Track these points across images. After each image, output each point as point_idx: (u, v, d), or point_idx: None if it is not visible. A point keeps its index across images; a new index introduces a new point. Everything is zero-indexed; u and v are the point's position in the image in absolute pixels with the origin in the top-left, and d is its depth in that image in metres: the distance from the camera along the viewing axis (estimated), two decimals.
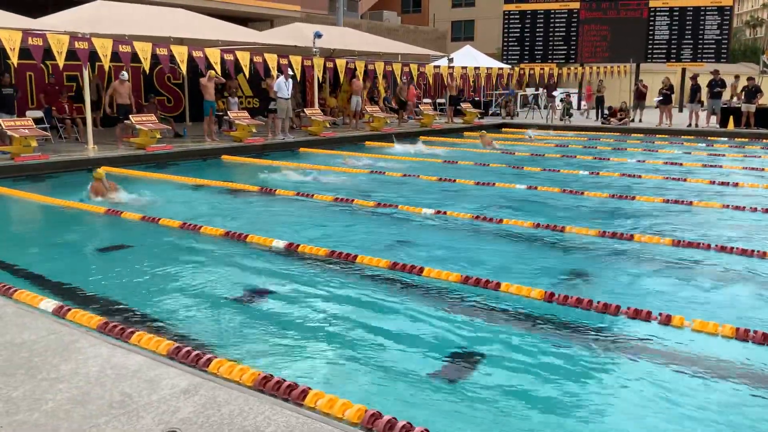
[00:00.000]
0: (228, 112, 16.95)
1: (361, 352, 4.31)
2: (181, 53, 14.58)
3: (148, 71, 16.09)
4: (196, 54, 14.84)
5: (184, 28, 16.27)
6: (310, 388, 3.43)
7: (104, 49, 13.33)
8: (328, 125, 18.88)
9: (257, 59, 16.19)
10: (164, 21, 16.18)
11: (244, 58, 15.92)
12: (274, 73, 16.82)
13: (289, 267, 6.31)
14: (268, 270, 6.21)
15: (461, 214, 8.50)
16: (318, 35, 18.33)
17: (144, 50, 14.05)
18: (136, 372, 3.49)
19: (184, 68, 14.98)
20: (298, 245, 6.73)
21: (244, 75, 18.49)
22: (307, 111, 18.95)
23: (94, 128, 14.48)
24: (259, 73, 16.83)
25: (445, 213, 8.59)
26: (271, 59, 16.62)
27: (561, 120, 24.64)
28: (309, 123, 18.64)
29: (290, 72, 16.77)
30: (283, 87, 16.66)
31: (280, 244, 6.86)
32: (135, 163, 13.03)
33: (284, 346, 4.39)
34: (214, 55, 15.21)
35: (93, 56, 13.60)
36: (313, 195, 9.82)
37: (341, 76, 19.44)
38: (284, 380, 3.51)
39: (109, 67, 13.83)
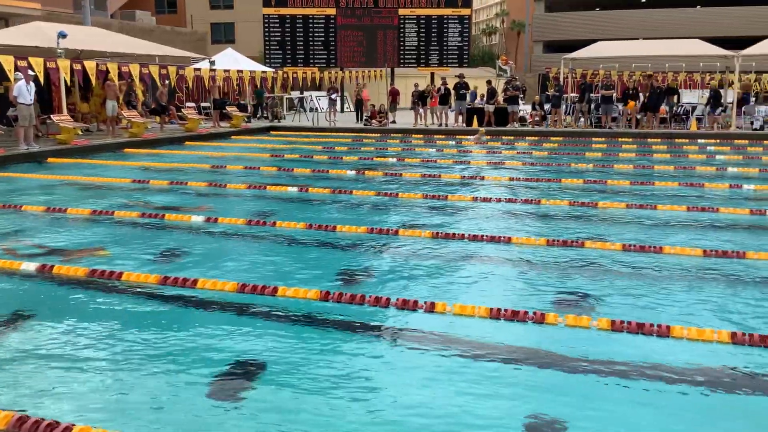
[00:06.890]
0: None
1: (133, 377, 4.02)
2: None
3: None
4: None
5: None
6: (74, 425, 3.13)
7: None
8: (80, 132, 17.38)
9: None
10: None
11: None
12: (11, 76, 15.09)
13: (43, 291, 5.70)
14: (20, 296, 5.55)
15: (234, 220, 8.36)
16: (62, 35, 16.80)
17: None
18: None
19: None
20: (52, 266, 6.10)
21: None
22: (55, 117, 17.23)
23: None
24: None
25: (216, 220, 8.38)
26: (7, 61, 14.85)
27: (327, 121, 25.28)
28: (58, 130, 16.96)
29: (31, 72, 15.14)
30: (24, 92, 14.95)
31: (30, 266, 6.16)
32: None
33: (43, 381, 3.95)
34: None
35: None
36: (67, 209, 8.98)
37: (93, 78, 17.98)
38: (43, 419, 3.16)
39: None
